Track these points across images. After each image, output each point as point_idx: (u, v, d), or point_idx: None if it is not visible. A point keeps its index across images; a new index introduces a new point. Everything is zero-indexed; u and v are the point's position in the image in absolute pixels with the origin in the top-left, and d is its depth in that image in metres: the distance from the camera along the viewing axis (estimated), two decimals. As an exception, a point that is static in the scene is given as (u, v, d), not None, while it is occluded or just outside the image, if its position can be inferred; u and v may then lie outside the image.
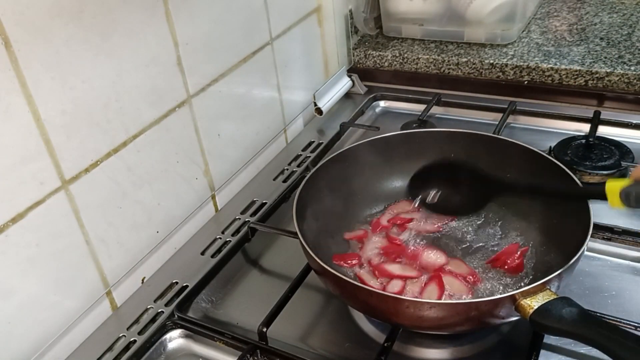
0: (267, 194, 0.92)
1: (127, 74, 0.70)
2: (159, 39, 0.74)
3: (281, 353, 0.63)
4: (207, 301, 0.74)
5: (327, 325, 0.69)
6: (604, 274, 0.71)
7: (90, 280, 0.70)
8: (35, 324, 0.65)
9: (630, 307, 0.66)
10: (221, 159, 0.89)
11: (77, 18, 0.62)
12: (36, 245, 0.63)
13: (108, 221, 0.71)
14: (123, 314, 0.74)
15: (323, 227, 0.74)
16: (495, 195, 0.75)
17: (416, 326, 0.62)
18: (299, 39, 1.03)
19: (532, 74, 1.06)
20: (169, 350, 0.68)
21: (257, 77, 0.95)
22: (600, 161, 0.85)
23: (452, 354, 0.64)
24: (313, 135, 1.07)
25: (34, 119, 0.60)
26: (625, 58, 1.03)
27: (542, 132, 0.99)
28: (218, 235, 0.84)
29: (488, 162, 0.79)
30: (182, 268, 0.79)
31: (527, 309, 0.55)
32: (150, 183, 0.76)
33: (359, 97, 1.17)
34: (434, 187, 0.78)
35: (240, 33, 0.88)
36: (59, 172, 0.64)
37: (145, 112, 0.74)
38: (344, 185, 0.79)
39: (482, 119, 1.04)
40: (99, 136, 0.68)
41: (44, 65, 0.60)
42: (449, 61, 1.12)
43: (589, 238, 0.60)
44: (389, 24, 1.22)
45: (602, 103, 1.02)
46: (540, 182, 0.72)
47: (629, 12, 1.20)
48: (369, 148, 0.80)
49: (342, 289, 0.63)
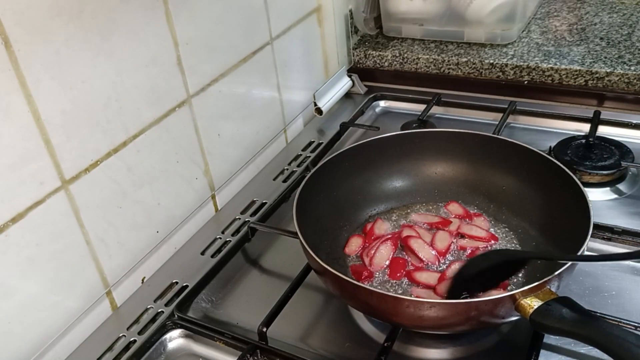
0: (267, 193, 0.92)
1: (127, 74, 0.70)
2: (159, 39, 0.74)
3: (281, 353, 0.63)
4: (207, 301, 0.74)
5: (327, 325, 0.69)
6: (604, 274, 0.71)
7: (90, 280, 0.70)
8: (35, 324, 0.65)
9: (630, 307, 0.66)
10: (221, 158, 0.89)
11: (77, 18, 0.62)
12: (36, 245, 0.63)
13: (108, 221, 0.71)
14: (123, 314, 0.74)
15: (323, 227, 0.74)
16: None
17: (416, 326, 0.62)
18: (299, 39, 1.03)
19: (532, 74, 1.06)
20: (169, 350, 0.68)
21: (257, 77, 0.95)
22: (600, 161, 0.85)
23: (452, 354, 0.64)
24: (313, 135, 1.07)
25: (34, 119, 0.60)
26: (625, 58, 1.03)
27: (542, 132, 0.99)
28: (218, 235, 0.84)
29: (488, 162, 0.79)
30: (182, 268, 0.79)
31: (527, 308, 0.55)
32: (150, 183, 0.76)
33: (359, 97, 1.17)
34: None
35: (240, 33, 0.88)
36: (59, 172, 0.64)
37: (145, 112, 0.74)
38: (344, 185, 0.79)
39: (482, 119, 1.04)
40: (98, 136, 0.68)
41: (44, 65, 0.60)
42: (449, 61, 1.12)
43: (589, 238, 0.60)
44: (389, 24, 1.22)
45: (602, 103, 1.02)
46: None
47: (629, 12, 1.20)
48: (369, 148, 0.80)
49: (342, 289, 0.63)
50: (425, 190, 0.82)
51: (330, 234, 0.75)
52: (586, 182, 0.83)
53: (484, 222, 0.76)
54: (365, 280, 0.69)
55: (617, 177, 0.85)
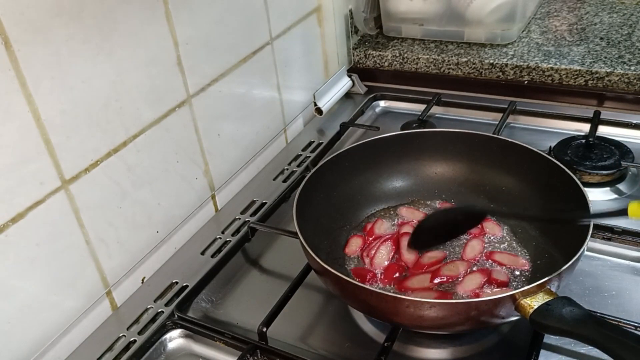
0: (267, 193, 0.92)
1: (127, 74, 0.70)
2: (159, 39, 0.74)
3: (281, 353, 0.63)
4: (207, 301, 0.74)
5: (327, 325, 0.69)
6: (604, 274, 0.71)
7: (90, 280, 0.70)
8: (35, 324, 0.65)
9: (630, 307, 0.66)
10: (221, 158, 0.89)
11: (77, 18, 0.62)
12: (36, 245, 0.63)
13: (108, 221, 0.71)
14: (123, 314, 0.74)
15: (323, 227, 0.74)
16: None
17: (416, 326, 0.62)
18: (299, 39, 1.03)
19: (532, 74, 1.06)
20: (169, 350, 0.68)
21: (257, 77, 0.95)
22: (600, 161, 0.85)
23: (452, 354, 0.64)
24: (313, 135, 1.07)
25: (34, 118, 0.60)
26: (625, 58, 1.03)
27: (542, 132, 0.99)
28: (218, 235, 0.84)
29: (488, 162, 0.79)
30: (182, 268, 0.79)
31: (527, 308, 0.55)
32: (150, 183, 0.76)
33: (359, 97, 1.17)
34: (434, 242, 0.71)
35: (240, 33, 0.88)
36: (59, 172, 0.64)
37: (145, 112, 0.74)
38: (344, 185, 0.79)
39: (482, 119, 1.04)
40: (98, 136, 0.68)
41: (44, 65, 0.60)
42: (449, 61, 1.12)
43: (589, 238, 0.60)
44: (389, 23, 1.22)
45: (602, 103, 1.02)
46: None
47: (629, 12, 1.20)
48: (369, 148, 0.80)
49: (342, 289, 0.63)
50: (425, 190, 0.82)
51: (330, 234, 0.75)
52: (586, 182, 0.83)
53: (495, 226, 0.75)
54: (369, 282, 0.69)
55: (617, 177, 0.85)
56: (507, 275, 0.68)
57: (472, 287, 0.66)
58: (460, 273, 0.68)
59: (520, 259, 0.70)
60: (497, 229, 0.74)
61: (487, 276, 0.67)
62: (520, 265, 0.69)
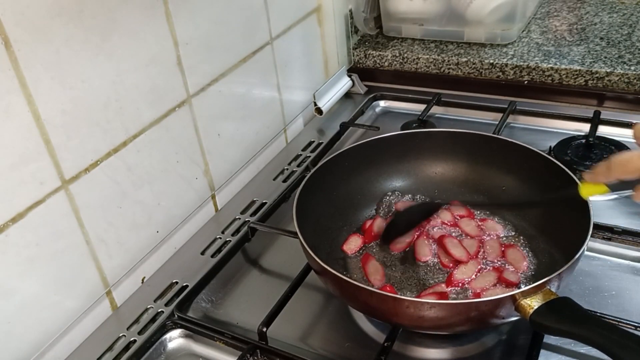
0: (267, 193, 0.92)
1: (127, 74, 0.70)
2: (159, 39, 0.74)
3: (281, 353, 0.63)
4: (207, 301, 0.74)
5: (327, 325, 0.69)
6: (604, 274, 0.71)
7: (90, 280, 0.70)
8: (35, 324, 0.65)
9: (630, 307, 0.66)
10: (221, 158, 0.89)
11: (77, 18, 0.62)
12: (36, 245, 0.63)
13: (108, 221, 0.71)
14: (123, 314, 0.74)
15: (323, 227, 0.74)
16: None
17: (416, 326, 0.62)
18: (299, 38, 1.03)
19: (532, 74, 1.06)
20: (169, 350, 0.68)
21: (257, 77, 0.95)
22: (600, 161, 0.85)
23: (452, 354, 0.64)
24: (313, 135, 1.07)
25: (34, 118, 0.60)
26: (625, 58, 1.03)
27: (542, 132, 0.98)
28: (218, 235, 0.84)
29: (488, 162, 0.79)
30: (182, 268, 0.79)
31: (527, 309, 0.55)
32: (150, 183, 0.76)
33: (359, 97, 1.17)
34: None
35: (240, 33, 0.88)
36: (59, 172, 0.64)
37: (145, 112, 0.74)
38: (344, 185, 0.79)
39: (482, 118, 1.04)
40: (98, 136, 0.68)
41: (44, 65, 0.60)
42: (449, 61, 1.12)
43: (589, 238, 0.60)
44: (389, 23, 1.22)
45: (602, 103, 1.02)
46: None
47: (629, 12, 1.20)
48: (369, 148, 0.80)
49: (342, 289, 0.63)
50: (425, 190, 0.82)
51: (330, 233, 0.76)
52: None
53: (496, 225, 0.76)
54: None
55: (617, 177, 0.84)
56: (519, 277, 0.68)
57: (485, 284, 0.67)
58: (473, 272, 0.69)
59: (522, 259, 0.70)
60: (498, 228, 0.74)
61: (499, 274, 0.67)
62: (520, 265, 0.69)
